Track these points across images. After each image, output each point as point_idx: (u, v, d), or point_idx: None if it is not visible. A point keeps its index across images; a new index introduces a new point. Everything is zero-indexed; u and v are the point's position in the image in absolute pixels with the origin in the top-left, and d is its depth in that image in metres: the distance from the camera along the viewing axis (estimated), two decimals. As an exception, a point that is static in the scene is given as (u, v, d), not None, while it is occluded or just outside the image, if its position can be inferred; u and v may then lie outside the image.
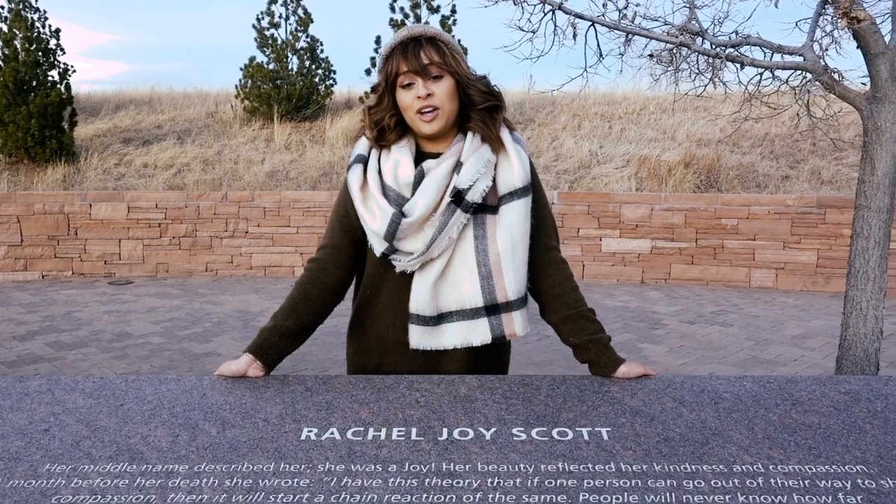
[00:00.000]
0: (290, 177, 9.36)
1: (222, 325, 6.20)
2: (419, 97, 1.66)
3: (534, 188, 1.77)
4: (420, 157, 1.75)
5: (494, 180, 1.72)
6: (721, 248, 7.92)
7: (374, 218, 1.68)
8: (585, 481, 1.19)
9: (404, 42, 1.68)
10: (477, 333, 1.69)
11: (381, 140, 1.74)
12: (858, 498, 1.15)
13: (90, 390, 1.52)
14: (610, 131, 10.21)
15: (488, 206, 1.71)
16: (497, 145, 1.73)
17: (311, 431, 1.34)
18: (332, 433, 1.34)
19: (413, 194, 1.68)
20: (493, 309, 1.69)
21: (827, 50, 2.88)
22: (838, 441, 1.33)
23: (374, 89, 1.75)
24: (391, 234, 1.65)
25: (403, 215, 1.65)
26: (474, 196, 1.67)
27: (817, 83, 2.97)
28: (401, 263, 1.69)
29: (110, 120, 11.01)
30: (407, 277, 1.71)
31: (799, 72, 3.05)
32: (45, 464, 1.23)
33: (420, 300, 1.68)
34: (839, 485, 1.19)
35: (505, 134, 1.75)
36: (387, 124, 1.72)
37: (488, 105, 1.72)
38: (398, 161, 1.71)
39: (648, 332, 6.01)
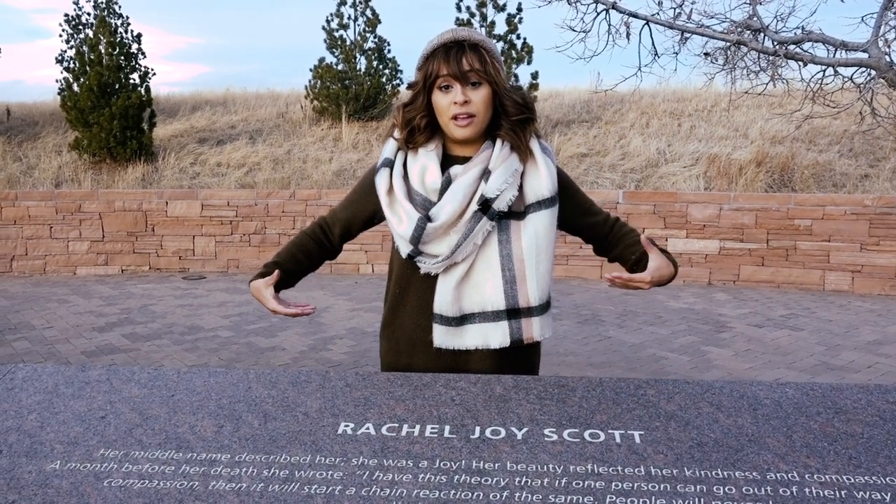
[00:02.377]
0: (356, 175, 9.52)
1: (288, 321, 6.37)
2: (456, 102, 1.68)
3: (567, 183, 1.84)
4: (447, 160, 1.78)
5: (522, 188, 1.74)
6: (794, 250, 7.67)
7: (400, 222, 1.73)
8: (614, 483, 1.20)
9: (447, 45, 1.70)
10: (496, 336, 1.73)
11: (411, 140, 1.77)
12: (897, 511, 1.12)
13: (145, 381, 1.61)
14: (679, 129, 10.00)
15: (514, 213, 1.73)
16: (525, 155, 1.75)
17: (347, 426, 1.39)
18: (368, 428, 1.38)
19: (440, 199, 1.72)
20: (513, 313, 1.72)
21: (892, 45, 2.76)
22: (881, 452, 1.29)
23: (410, 86, 1.78)
24: (416, 239, 1.70)
25: (429, 220, 1.69)
26: (501, 205, 1.70)
27: (882, 80, 2.84)
28: (425, 266, 1.74)
29: (187, 121, 11.42)
30: (433, 279, 1.76)
31: (863, 69, 2.93)
32: (100, 449, 1.32)
33: (443, 301, 1.72)
34: (878, 497, 1.16)
35: (534, 143, 1.77)
36: (417, 125, 1.75)
37: (522, 117, 1.73)
38: (425, 166, 1.75)
39: (713, 335, 5.88)
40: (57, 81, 10.14)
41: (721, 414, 1.43)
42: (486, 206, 1.69)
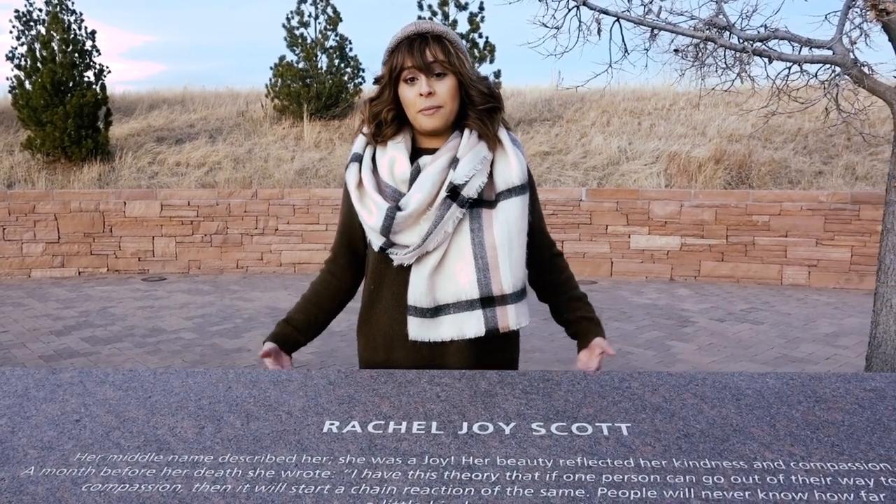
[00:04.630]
0: (319, 174, 9.44)
1: (252, 322, 6.29)
2: (421, 94, 1.69)
3: (531, 190, 1.83)
4: (416, 152, 1.78)
5: (492, 177, 1.74)
6: (752, 245, 7.83)
7: (370, 214, 1.73)
8: (604, 476, 1.20)
9: (410, 37, 1.70)
10: (471, 325, 1.72)
11: (379, 134, 1.77)
12: (881, 496, 1.14)
13: (120, 382, 1.56)
14: (639, 127, 10.13)
15: (485, 201, 1.73)
16: (494, 143, 1.75)
17: (332, 424, 1.37)
18: (354, 426, 1.36)
19: (409, 189, 1.72)
20: (488, 301, 1.72)
21: (856, 43, 2.83)
22: (862, 438, 1.32)
23: (377, 80, 1.78)
24: (387, 229, 1.69)
25: (399, 209, 1.69)
26: (470, 191, 1.70)
27: (847, 77, 2.91)
28: (398, 257, 1.73)
29: (144, 119, 11.20)
30: (406, 272, 1.75)
31: (828, 66, 3.00)
32: (76, 453, 1.27)
33: (417, 292, 1.72)
34: (862, 482, 1.18)
35: (503, 133, 1.77)
36: (384, 118, 1.75)
37: (488, 106, 1.74)
38: (394, 158, 1.75)
39: (677, 330, 5.97)
40: (8, 79, 9.88)
41: (705, 405, 1.45)
42: (454, 192, 1.69)
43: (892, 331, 3.16)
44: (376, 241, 1.74)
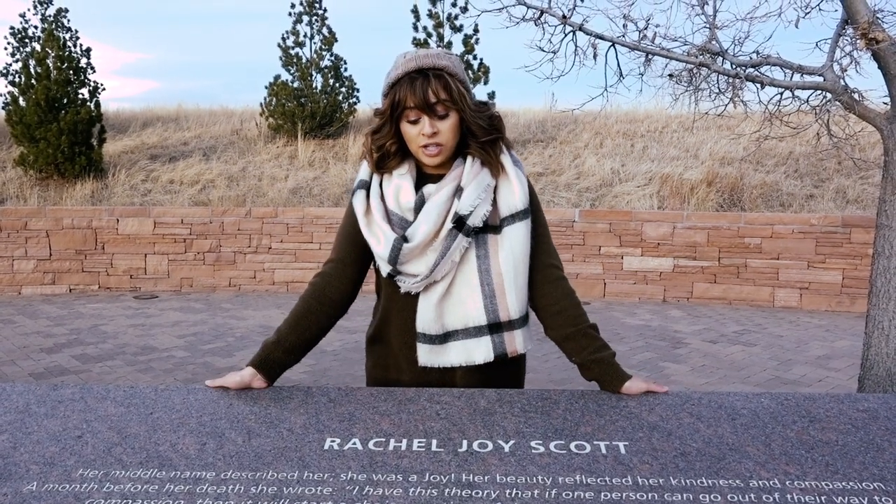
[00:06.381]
0: (313, 193, 9.46)
1: (245, 340, 6.27)
2: (424, 134, 1.69)
3: (532, 208, 1.81)
4: (421, 177, 1.79)
5: (495, 202, 1.75)
6: (744, 267, 7.87)
7: (378, 242, 1.73)
8: (602, 494, 1.21)
9: (412, 74, 1.68)
10: (480, 351, 1.73)
11: (382, 166, 1.77)
12: (875, 514, 1.16)
13: (121, 399, 1.57)
14: (632, 149, 10.21)
15: (489, 227, 1.74)
16: (497, 170, 1.76)
17: (333, 441, 1.38)
18: (355, 443, 1.37)
19: (415, 218, 1.72)
20: (496, 327, 1.73)
21: (847, 70, 2.89)
22: (856, 458, 1.34)
23: (378, 113, 1.76)
24: (394, 259, 1.70)
25: (406, 240, 1.69)
26: (475, 221, 1.71)
27: (837, 103, 2.97)
28: (405, 285, 1.73)
29: (138, 137, 11.21)
30: (415, 297, 1.75)
31: (819, 91, 3.06)
32: (78, 469, 1.28)
33: (426, 319, 1.72)
34: (856, 501, 1.20)
35: (505, 157, 1.78)
36: (387, 151, 1.75)
37: (490, 139, 1.74)
38: (399, 186, 1.75)
39: (670, 351, 5.98)
40: (1, 95, 9.87)
41: (701, 424, 1.46)
42: (460, 222, 1.70)
43: (884, 353, 3.19)
44: (384, 268, 1.75)
